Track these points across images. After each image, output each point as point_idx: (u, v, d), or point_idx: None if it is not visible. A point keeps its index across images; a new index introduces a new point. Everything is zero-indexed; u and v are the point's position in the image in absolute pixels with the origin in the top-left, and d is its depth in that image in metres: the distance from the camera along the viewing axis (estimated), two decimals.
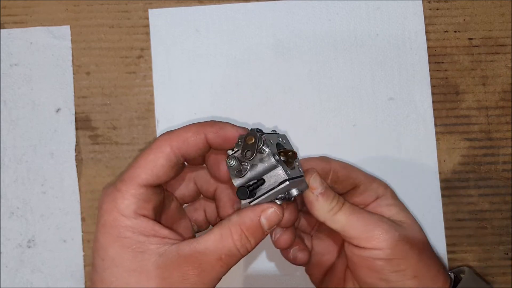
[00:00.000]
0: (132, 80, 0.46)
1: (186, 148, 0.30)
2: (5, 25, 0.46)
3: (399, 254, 0.33)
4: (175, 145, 0.30)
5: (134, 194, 0.29)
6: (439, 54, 0.46)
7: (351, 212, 0.34)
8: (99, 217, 0.29)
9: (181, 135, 0.30)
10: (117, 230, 0.28)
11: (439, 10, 0.46)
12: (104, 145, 0.45)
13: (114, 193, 0.29)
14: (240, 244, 0.29)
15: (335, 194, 0.34)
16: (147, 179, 0.29)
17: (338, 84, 0.46)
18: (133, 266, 0.28)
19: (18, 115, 0.46)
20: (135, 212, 0.29)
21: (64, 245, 0.45)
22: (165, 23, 0.46)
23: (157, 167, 0.29)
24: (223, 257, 0.29)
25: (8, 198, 0.45)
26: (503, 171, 0.45)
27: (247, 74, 0.46)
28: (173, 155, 0.30)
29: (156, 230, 0.29)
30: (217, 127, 0.31)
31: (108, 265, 0.28)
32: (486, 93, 0.46)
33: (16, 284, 0.44)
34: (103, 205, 0.29)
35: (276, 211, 0.30)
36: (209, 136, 0.31)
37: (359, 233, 0.33)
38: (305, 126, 0.46)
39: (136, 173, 0.29)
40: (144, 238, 0.28)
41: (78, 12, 0.46)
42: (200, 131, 0.30)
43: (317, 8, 0.46)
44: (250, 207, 0.30)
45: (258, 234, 0.30)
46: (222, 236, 0.29)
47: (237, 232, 0.29)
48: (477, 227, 0.45)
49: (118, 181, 0.30)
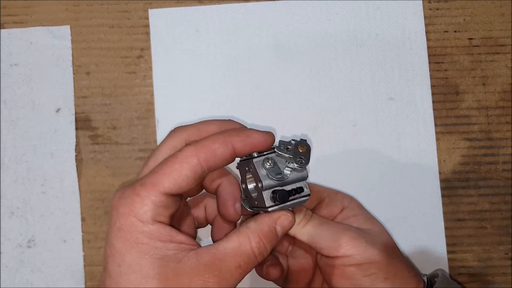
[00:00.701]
0: (132, 80, 0.46)
1: (213, 160, 0.29)
2: (5, 25, 0.46)
3: (368, 259, 0.34)
4: (202, 157, 0.29)
5: (154, 201, 0.28)
6: (439, 54, 0.46)
7: (318, 224, 0.35)
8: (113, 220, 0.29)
9: (209, 146, 0.29)
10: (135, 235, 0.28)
11: (439, 10, 0.46)
12: (104, 145, 0.45)
13: (133, 197, 0.28)
14: (258, 251, 0.30)
15: (302, 208, 0.35)
16: (170, 188, 0.28)
17: (338, 84, 0.46)
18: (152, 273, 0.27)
19: (18, 115, 0.46)
20: (153, 218, 0.28)
21: (64, 245, 0.45)
22: (165, 23, 0.46)
23: (182, 177, 0.29)
24: (242, 264, 0.29)
25: (8, 198, 0.45)
26: (503, 171, 0.45)
27: (247, 74, 0.46)
28: (199, 167, 0.29)
29: (173, 236, 0.29)
30: (244, 136, 0.30)
31: (125, 271, 0.28)
32: (486, 93, 0.46)
33: (16, 284, 0.44)
34: (119, 207, 0.29)
35: (291, 218, 0.31)
36: (236, 146, 0.30)
37: (327, 242, 0.34)
38: (305, 126, 0.46)
39: (159, 179, 0.29)
40: (161, 244, 0.28)
41: (78, 12, 0.46)
42: (228, 142, 0.30)
43: (317, 8, 0.46)
44: (267, 214, 0.31)
45: (274, 240, 0.31)
46: (240, 244, 0.29)
47: (255, 240, 0.30)
48: (477, 227, 0.45)
49: (138, 185, 0.29)
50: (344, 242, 0.34)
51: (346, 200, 0.39)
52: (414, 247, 0.44)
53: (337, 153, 0.45)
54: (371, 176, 0.45)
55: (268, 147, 0.31)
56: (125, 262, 0.28)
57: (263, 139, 0.31)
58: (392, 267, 0.35)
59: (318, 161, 0.45)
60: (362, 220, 0.38)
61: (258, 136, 0.31)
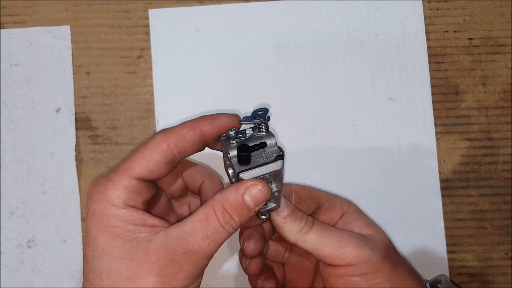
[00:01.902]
0: (132, 80, 0.46)
1: (182, 144, 0.30)
2: (5, 25, 0.46)
3: (373, 268, 0.33)
4: (172, 142, 0.30)
5: (125, 185, 0.29)
6: (439, 54, 0.46)
7: (321, 231, 0.34)
8: (88, 207, 0.29)
9: (177, 132, 0.30)
10: (107, 219, 0.29)
11: (439, 10, 0.46)
12: (104, 145, 0.45)
13: (106, 183, 0.29)
14: (224, 220, 0.29)
15: (303, 214, 0.34)
16: (140, 172, 0.29)
17: (338, 84, 0.46)
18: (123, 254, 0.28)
19: (18, 115, 0.46)
20: (124, 202, 0.29)
21: (64, 245, 0.45)
22: (165, 23, 0.46)
23: (152, 162, 0.30)
24: (209, 234, 0.29)
25: (8, 198, 0.45)
26: (503, 171, 0.45)
27: (247, 74, 0.46)
28: (170, 152, 0.30)
29: (146, 220, 0.29)
30: (210, 119, 0.31)
31: (99, 254, 0.28)
32: (486, 93, 0.46)
33: (16, 284, 0.44)
34: (93, 194, 0.29)
35: (262, 189, 0.30)
36: (204, 129, 0.31)
37: (331, 251, 0.33)
38: (305, 126, 0.46)
39: (130, 165, 0.29)
40: (133, 227, 0.29)
41: (78, 12, 0.46)
42: (195, 126, 0.31)
43: (317, 8, 0.46)
44: (234, 185, 0.30)
45: (243, 211, 0.30)
46: (206, 215, 0.29)
47: (220, 210, 0.29)
48: (477, 227, 0.45)
49: (111, 172, 0.30)
50: (349, 251, 0.33)
51: (345, 204, 0.38)
52: (414, 247, 0.44)
53: (337, 153, 0.45)
54: (371, 176, 0.45)
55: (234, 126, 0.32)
56: (98, 246, 0.28)
57: (229, 119, 0.32)
58: (396, 275, 0.34)
59: (318, 161, 0.45)
60: (363, 225, 0.37)
61: (224, 117, 0.32)
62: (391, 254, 0.36)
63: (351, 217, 0.37)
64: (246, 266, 0.37)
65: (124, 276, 0.28)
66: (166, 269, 0.28)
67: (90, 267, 0.29)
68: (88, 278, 0.29)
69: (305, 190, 0.38)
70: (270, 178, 0.31)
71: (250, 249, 0.35)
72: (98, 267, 0.28)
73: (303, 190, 0.38)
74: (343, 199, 0.39)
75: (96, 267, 0.28)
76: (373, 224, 0.38)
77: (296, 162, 0.45)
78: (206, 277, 0.44)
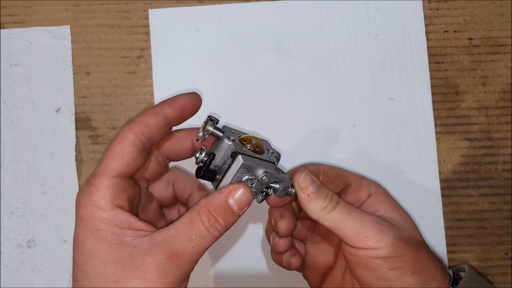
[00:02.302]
0: (132, 80, 0.46)
1: (149, 131, 0.31)
2: (5, 25, 0.46)
3: (395, 252, 0.33)
4: (138, 130, 0.31)
5: (107, 185, 0.30)
6: (439, 54, 0.46)
7: (345, 212, 0.34)
8: (76, 213, 0.30)
9: (141, 120, 0.31)
10: (93, 223, 0.29)
11: (439, 10, 0.46)
12: (104, 145, 0.45)
13: (89, 188, 0.30)
14: (209, 224, 0.30)
15: (329, 193, 0.34)
16: (118, 168, 0.30)
17: (338, 84, 0.46)
18: (109, 258, 0.28)
19: (18, 115, 0.46)
20: (110, 202, 0.29)
21: (64, 245, 0.45)
22: (165, 23, 0.46)
23: (126, 155, 0.30)
24: (193, 237, 0.29)
25: (8, 198, 0.45)
26: (503, 171, 0.45)
27: (247, 74, 0.46)
28: (139, 141, 0.31)
29: (132, 223, 0.30)
30: (170, 101, 0.32)
31: (87, 258, 0.29)
32: (486, 93, 0.46)
33: (16, 284, 0.44)
34: (80, 200, 0.30)
35: (245, 192, 0.31)
36: (166, 112, 0.32)
37: (354, 233, 0.33)
38: (305, 126, 0.46)
39: (106, 164, 0.30)
40: (119, 231, 0.29)
41: (78, 12, 0.46)
42: (157, 111, 0.31)
43: (317, 8, 0.46)
44: (218, 190, 0.31)
45: (227, 214, 0.30)
46: (191, 219, 0.30)
47: (204, 213, 0.30)
48: (477, 227, 0.45)
49: (91, 177, 0.30)
50: (371, 235, 0.33)
51: (373, 186, 0.38)
52: None
53: (337, 153, 0.45)
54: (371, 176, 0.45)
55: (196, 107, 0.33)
56: (86, 250, 0.29)
57: (190, 99, 0.32)
58: (419, 260, 0.34)
59: (318, 161, 0.45)
60: (389, 208, 0.36)
61: (185, 97, 0.32)
62: (414, 239, 0.35)
63: (378, 199, 0.37)
64: (275, 244, 0.37)
65: (111, 279, 0.28)
66: (151, 273, 0.28)
67: (79, 270, 0.29)
68: (78, 281, 0.30)
69: (333, 169, 0.38)
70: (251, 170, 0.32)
71: (284, 228, 0.36)
72: (87, 270, 0.29)
73: (330, 169, 0.38)
74: (371, 180, 0.39)
75: (85, 270, 0.29)
76: (399, 208, 0.37)
77: (296, 162, 0.45)
78: (206, 277, 0.44)
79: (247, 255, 0.45)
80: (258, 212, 0.45)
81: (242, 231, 0.45)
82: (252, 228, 0.45)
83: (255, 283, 0.45)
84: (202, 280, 0.44)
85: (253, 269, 0.45)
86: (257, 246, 0.45)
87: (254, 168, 0.32)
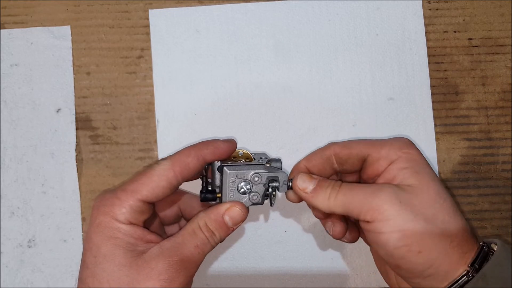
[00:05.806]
0: (132, 80, 0.46)
1: (187, 172, 0.33)
2: (5, 25, 0.46)
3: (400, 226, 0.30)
4: (177, 170, 0.33)
5: (131, 205, 0.32)
6: (439, 54, 0.46)
7: (348, 190, 0.33)
8: (93, 217, 0.32)
9: (183, 160, 0.33)
10: (111, 231, 0.31)
11: (439, 10, 0.46)
12: (104, 145, 0.46)
13: (113, 199, 0.32)
14: (208, 234, 0.33)
15: (329, 182, 0.34)
16: (147, 196, 0.32)
17: (338, 84, 0.46)
18: (124, 261, 0.31)
19: (19, 115, 0.46)
20: (128, 220, 0.32)
21: (64, 245, 0.45)
22: (165, 23, 0.46)
23: (159, 188, 0.32)
24: (198, 244, 0.33)
25: (9, 198, 0.45)
26: (503, 171, 0.45)
27: (247, 74, 0.46)
28: (175, 179, 0.33)
29: (145, 235, 0.32)
30: (212, 148, 0.34)
31: (100, 261, 0.31)
32: (486, 93, 0.46)
33: (17, 284, 0.44)
34: (100, 207, 0.32)
35: (240, 210, 0.34)
36: (208, 158, 0.34)
37: (359, 207, 0.32)
38: (305, 126, 0.46)
39: (138, 187, 0.32)
40: (133, 241, 0.32)
41: (78, 12, 0.46)
42: (199, 155, 0.34)
43: (317, 8, 0.46)
44: (216, 205, 0.34)
45: (223, 229, 0.34)
46: (193, 230, 0.33)
47: (204, 226, 0.33)
48: (477, 227, 0.45)
49: (119, 190, 0.32)
50: (375, 205, 0.31)
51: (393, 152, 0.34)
52: None
53: None
54: None
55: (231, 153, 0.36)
56: (100, 253, 0.31)
57: (228, 148, 0.35)
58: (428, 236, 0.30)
59: None
60: (408, 174, 0.32)
61: (224, 146, 0.35)
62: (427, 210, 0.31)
63: (398, 165, 0.33)
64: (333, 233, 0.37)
65: (124, 281, 0.31)
66: (164, 274, 0.31)
67: (90, 272, 0.31)
68: (86, 282, 0.31)
69: (345, 148, 0.36)
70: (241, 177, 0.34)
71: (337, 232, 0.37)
72: (99, 273, 0.31)
73: (342, 149, 0.36)
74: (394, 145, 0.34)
75: (97, 273, 0.31)
76: (421, 173, 0.33)
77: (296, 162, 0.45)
78: (206, 277, 0.44)
79: (247, 255, 0.45)
80: (258, 212, 0.45)
81: (242, 231, 0.45)
82: (252, 228, 0.45)
83: (255, 283, 0.45)
84: (202, 280, 0.44)
85: (253, 269, 0.45)
86: (257, 246, 0.45)
87: (243, 174, 0.34)
